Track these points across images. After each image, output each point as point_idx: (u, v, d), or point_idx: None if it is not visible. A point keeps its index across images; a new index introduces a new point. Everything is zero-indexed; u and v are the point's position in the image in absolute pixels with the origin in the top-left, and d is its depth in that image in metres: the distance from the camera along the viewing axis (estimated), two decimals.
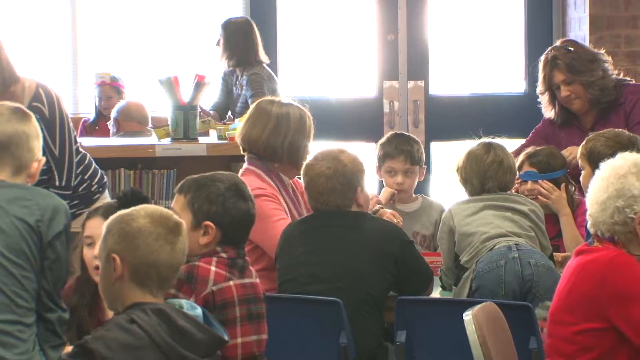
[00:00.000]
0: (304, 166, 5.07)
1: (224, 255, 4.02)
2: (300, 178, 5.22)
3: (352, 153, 5.08)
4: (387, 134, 6.10)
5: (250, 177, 5.29)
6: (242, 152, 5.56)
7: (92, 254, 3.95)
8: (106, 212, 4.11)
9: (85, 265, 4.24)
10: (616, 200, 3.96)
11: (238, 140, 5.54)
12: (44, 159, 3.80)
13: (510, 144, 6.19)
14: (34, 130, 3.75)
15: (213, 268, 3.96)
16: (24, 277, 3.52)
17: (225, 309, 3.87)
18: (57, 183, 5.53)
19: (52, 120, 5.44)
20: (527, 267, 4.85)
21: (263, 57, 8.16)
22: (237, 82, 8.12)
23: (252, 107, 5.60)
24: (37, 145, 3.76)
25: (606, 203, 3.98)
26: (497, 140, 5.42)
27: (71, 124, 5.58)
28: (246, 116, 5.55)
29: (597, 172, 4.12)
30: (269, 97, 5.87)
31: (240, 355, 3.91)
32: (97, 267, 3.76)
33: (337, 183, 4.93)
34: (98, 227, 3.89)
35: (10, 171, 3.65)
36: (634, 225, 3.95)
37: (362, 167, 5.06)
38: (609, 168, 4.07)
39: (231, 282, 3.96)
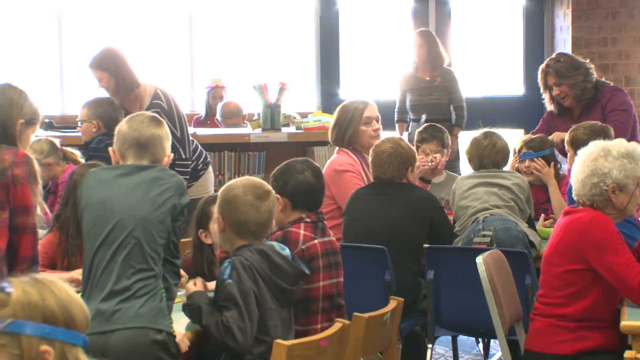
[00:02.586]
0: (373, 145, 5.06)
1: (308, 220, 3.98)
2: None
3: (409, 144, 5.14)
4: (424, 125, 6.09)
5: (342, 156, 5.45)
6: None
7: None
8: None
9: (201, 242, 4.26)
10: (592, 178, 3.95)
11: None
12: (172, 155, 3.78)
13: (511, 135, 6.35)
14: (165, 133, 3.73)
15: (302, 231, 3.93)
16: (159, 237, 3.50)
17: (312, 261, 3.85)
18: (183, 156, 5.60)
19: (170, 111, 5.54)
20: (487, 229, 4.82)
21: None
22: None
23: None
24: (167, 144, 3.74)
25: (584, 181, 3.97)
26: (496, 130, 5.43)
27: (183, 114, 5.68)
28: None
29: (576, 158, 4.11)
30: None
31: (322, 294, 3.89)
32: None
33: (395, 160, 4.93)
34: None
35: (148, 162, 3.63)
36: (608, 195, 3.95)
37: (415, 154, 5.08)
38: (584, 154, 4.06)
39: (315, 241, 3.93)
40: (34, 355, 1.96)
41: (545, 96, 6.31)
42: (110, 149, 3.72)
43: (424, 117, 7.38)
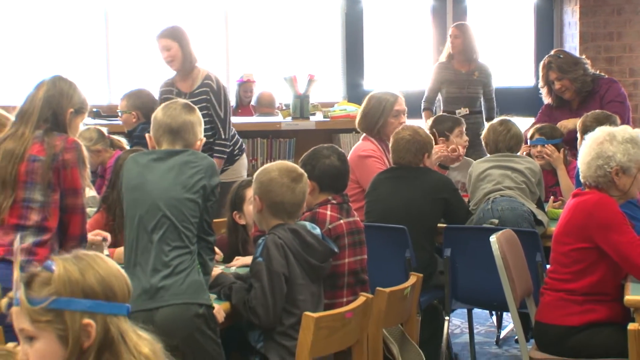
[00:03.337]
0: (393, 133, 5.03)
1: (334, 201, 3.97)
2: None
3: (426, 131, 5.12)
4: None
5: (367, 142, 5.42)
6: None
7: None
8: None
9: (235, 223, 4.25)
10: (597, 160, 3.94)
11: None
12: (204, 139, 3.76)
13: (523, 121, 6.31)
14: (197, 119, 3.71)
15: (328, 212, 3.92)
16: (192, 217, 3.50)
17: (338, 240, 3.83)
18: (223, 136, 5.63)
19: (218, 93, 5.61)
20: (495, 212, 4.81)
21: None
22: None
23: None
24: (200, 129, 3.72)
25: (590, 163, 3.96)
26: (511, 118, 5.43)
27: (229, 98, 5.74)
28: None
29: (583, 142, 4.11)
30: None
31: (347, 270, 3.88)
32: None
33: (412, 146, 4.91)
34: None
35: (181, 147, 3.62)
36: (611, 176, 3.94)
37: (432, 141, 5.05)
38: (590, 138, 4.05)
39: (341, 221, 3.91)
40: (78, 329, 1.95)
41: (544, 90, 6.29)
42: (146, 134, 3.72)
43: (465, 110, 7.11)
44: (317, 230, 3.71)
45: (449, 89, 7.16)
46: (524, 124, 6.30)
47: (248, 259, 3.98)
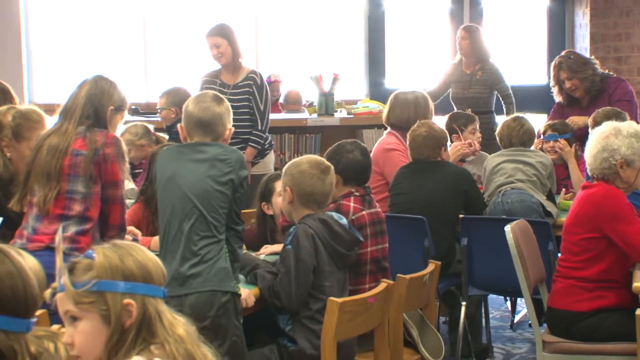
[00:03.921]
0: (410, 130, 5.00)
1: (357, 193, 3.97)
2: None
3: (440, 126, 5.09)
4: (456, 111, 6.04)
5: (391, 137, 5.40)
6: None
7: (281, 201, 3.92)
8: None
9: (264, 213, 4.26)
10: (602, 153, 3.94)
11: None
12: (233, 129, 3.75)
13: (536, 118, 6.32)
14: (226, 109, 3.69)
15: (352, 204, 3.92)
16: (221, 208, 3.50)
17: (361, 229, 3.83)
18: (260, 127, 5.66)
19: (261, 86, 5.66)
20: (505, 205, 4.81)
21: None
22: None
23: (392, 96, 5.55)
24: (229, 119, 3.70)
25: (596, 156, 3.96)
26: (525, 114, 5.46)
27: (269, 93, 5.78)
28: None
29: (590, 136, 4.11)
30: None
31: (369, 258, 3.88)
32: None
33: (429, 141, 4.90)
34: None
35: (210, 139, 3.62)
36: (616, 168, 3.94)
37: (447, 135, 5.05)
38: (597, 132, 4.05)
39: (364, 212, 3.91)
40: (119, 308, 1.98)
41: (555, 89, 6.26)
42: (179, 125, 3.72)
43: (467, 111, 7.03)
44: (344, 221, 3.71)
45: (454, 90, 7.06)
46: (538, 120, 6.30)
47: (276, 247, 4.00)
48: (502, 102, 7.09)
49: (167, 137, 5.62)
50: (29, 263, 2.56)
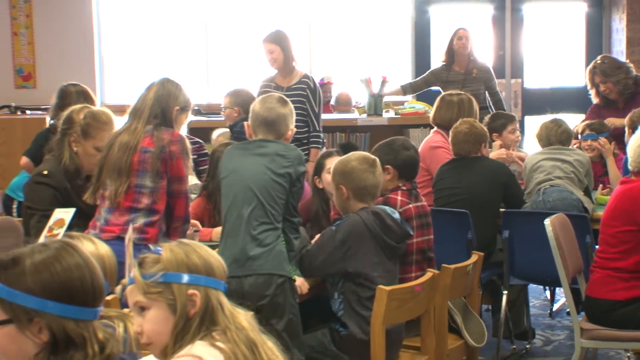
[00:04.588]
0: (452, 127, 4.96)
1: (404, 188, 3.96)
2: None
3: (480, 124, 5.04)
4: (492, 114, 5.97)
5: (437, 136, 5.35)
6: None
7: (329, 178, 3.94)
8: (339, 152, 4.21)
9: (318, 187, 4.28)
10: None
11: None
12: (295, 129, 3.77)
13: (574, 118, 6.29)
14: (289, 111, 3.72)
15: (399, 197, 3.91)
16: (278, 198, 3.52)
17: (407, 222, 3.81)
18: (317, 128, 5.67)
19: (315, 90, 5.68)
20: (547, 203, 4.75)
21: None
22: None
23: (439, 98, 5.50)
24: (291, 120, 3.73)
25: (636, 150, 3.94)
26: (561, 115, 5.38)
27: (322, 95, 5.79)
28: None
29: (636, 132, 4.11)
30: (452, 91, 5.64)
31: (415, 249, 3.86)
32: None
33: (470, 137, 4.85)
34: (334, 162, 3.92)
35: (273, 137, 3.65)
36: None
37: (487, 133, 5.00)
38: None
39: (410, 205, 3.90)
40: (184, 298, 2.00)
41: (592, 91, 6.22)
42: (245, 123, 3.76)
43: None
44: (397, 215, 3.70)
45: (448, 89, 6.84)
46: (575, 120, 6.25)
47: None
48: (491, 98, 6.96)
49: None
50: (102, 250, 2.61)
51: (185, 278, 2.01)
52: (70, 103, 4.44)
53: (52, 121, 4.91)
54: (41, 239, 2.79)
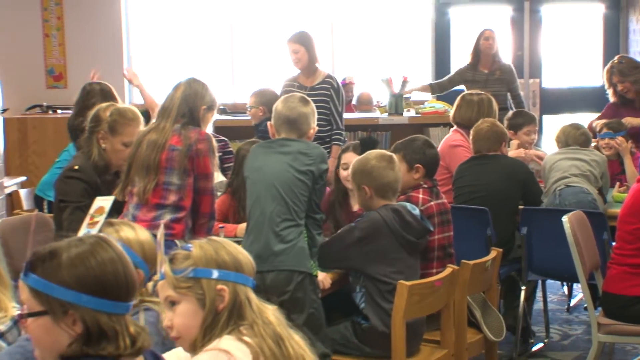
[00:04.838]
0: (474, 126, 4.95)
1: (425, 186, 3.96)
2: None
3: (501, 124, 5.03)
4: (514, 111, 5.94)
5: (456, 134, 5.34)
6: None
7: (347, 174, 3.93)
8: (355, 147, 4.20)
9: (339, 178, 4.27)
10: None
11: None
12: (316, 127, 3.78)
13: (591, 118, 6.24)
14: (311, 110, 3.73)
15: (420, 195, 3.91)
16: (301, 195, 3.53)
17: (429, 219, 3.81)
18: (340, 126, 5.67)
19: (338, 90, 5.68)
20: (563, 206, 4.70)
21: None
22: None
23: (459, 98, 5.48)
24: (313, 119, 3.74)
25: None
26: (579, 115, 5.44)
27: (344, 94, 5.78)
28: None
29: None
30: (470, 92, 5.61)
31: (436, 245, 3.86)
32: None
33: (491, 135, 4.85)
34: (351, 157, 3.94)
35: (295, 136, 3.66)
36: None
37: (506, 132, 5.01)
38: None
39: (432, 202, 3.90)
40: (214, 294, 2.02)
41: (609, 91, 6.19)
42: (268, 123, 3.78)
43: None
44: (417, 211, 3.69)
45: (471, 89, 6.79)
46: (591, 118, 6.22)
47: None
48: (513, 101, 6.91)
49: None
50: (141, 235, 2.65)
51: (215, 274, 2.03)
52: (96, 102, 4.47)
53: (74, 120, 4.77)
54: (83, 227, 2.81)
